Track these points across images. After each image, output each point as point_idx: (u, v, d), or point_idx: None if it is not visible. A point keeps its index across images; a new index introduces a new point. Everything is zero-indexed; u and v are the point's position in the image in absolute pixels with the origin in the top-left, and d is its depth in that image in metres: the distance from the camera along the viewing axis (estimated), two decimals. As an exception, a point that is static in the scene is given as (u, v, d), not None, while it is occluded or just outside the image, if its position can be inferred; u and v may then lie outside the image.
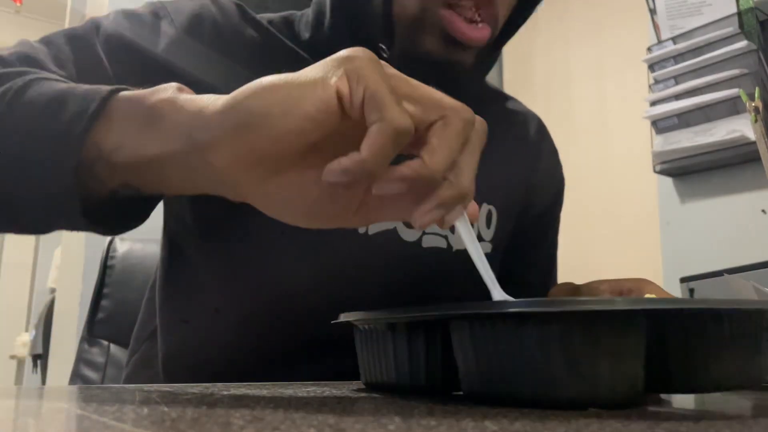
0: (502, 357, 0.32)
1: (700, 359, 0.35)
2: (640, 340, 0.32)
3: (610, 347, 0.31)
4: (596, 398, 0.31)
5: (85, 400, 0.35)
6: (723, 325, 0.35)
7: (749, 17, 1.41)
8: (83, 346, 0.99)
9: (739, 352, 0.35)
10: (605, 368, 0.31)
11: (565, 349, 0.31)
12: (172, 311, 0.67)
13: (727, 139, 1.41)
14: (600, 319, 0.31)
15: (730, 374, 0.35)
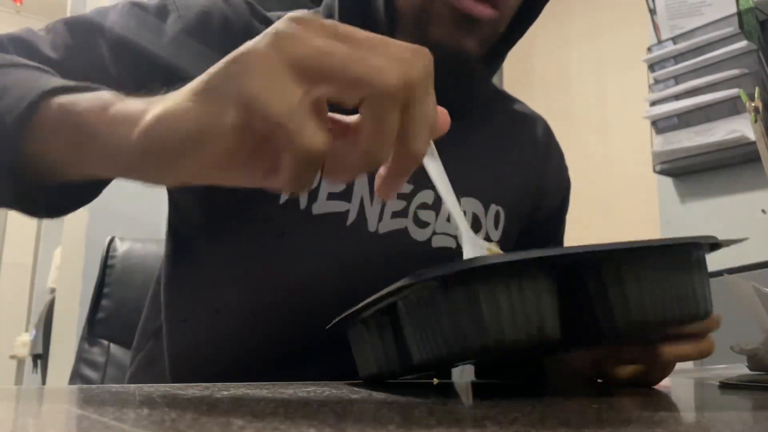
0: (432, 321, 0.35)
1: (616, 301, 0.35)
2: (540, 288, 0.34)
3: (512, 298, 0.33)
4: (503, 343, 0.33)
5: (85, 400, 0.35)
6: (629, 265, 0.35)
7: (749, 17, 1.41)
8: (83, 346, 0.99)
9: (657, 286, 0.36)
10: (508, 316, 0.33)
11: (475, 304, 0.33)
12: (175, 310, 0.67)
13: (727, 139, 1.41)
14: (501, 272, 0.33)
15: (648, 309, 0.36)
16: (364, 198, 0.62)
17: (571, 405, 0.34)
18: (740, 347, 0.52)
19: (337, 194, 0.61)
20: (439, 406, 0.33)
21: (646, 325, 0.36)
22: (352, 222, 0.61)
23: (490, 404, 0.34)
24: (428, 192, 0.66)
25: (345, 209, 0.61)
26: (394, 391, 0.42)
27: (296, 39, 0.32)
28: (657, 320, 0.36)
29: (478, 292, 0.33)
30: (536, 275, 0.34)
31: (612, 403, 0.40)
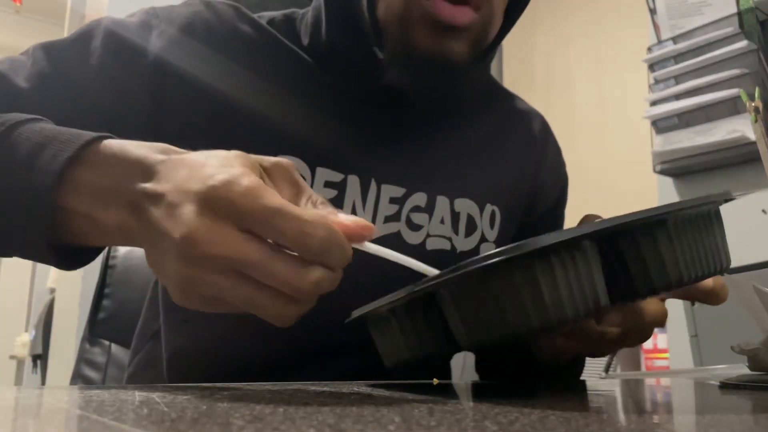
0: (481, 305, 0.37)
1: (652, 260, 0.38)
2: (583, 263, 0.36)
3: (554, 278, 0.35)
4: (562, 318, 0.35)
5: (85, 400, 0.35)
6: (662, 227, 0.38)
7: (749, 17, 1.41)
8: (84, 346, 0.99)
9: (686, 246, 0.38)
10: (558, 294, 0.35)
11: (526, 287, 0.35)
12: (174, 311, 0.67)
13: (727, 139, 1.41)
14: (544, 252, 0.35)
15: (682, 269, 0.38)
16: (356, 203, 0.62)
17: (571, 405, 0.34)
18: (740, 347, 0.52)
19: (328, 201, 0.61)
20: (439, 406, 0.33)
21: (680, 283, 0.38)
22: None
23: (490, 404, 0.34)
24: (420, 195, 0.66)
25: None
26: (394, 391, 0.42)
27: (196, 282, 0.37)
28: (689, 277, 0.39)
29: (536, 271, 0.35)
30: (585, 250, 0.36)
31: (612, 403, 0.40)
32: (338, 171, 0.61)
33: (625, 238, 0.38)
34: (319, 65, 0.65)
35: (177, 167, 0.39)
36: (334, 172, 0.61)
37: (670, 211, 0.37)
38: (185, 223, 0.36)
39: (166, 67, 0.60)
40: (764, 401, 0.39)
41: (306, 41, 0.66)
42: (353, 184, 0.62)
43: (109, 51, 0.60)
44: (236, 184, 0.36)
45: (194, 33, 0.63)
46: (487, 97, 0.76)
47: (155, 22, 0.63)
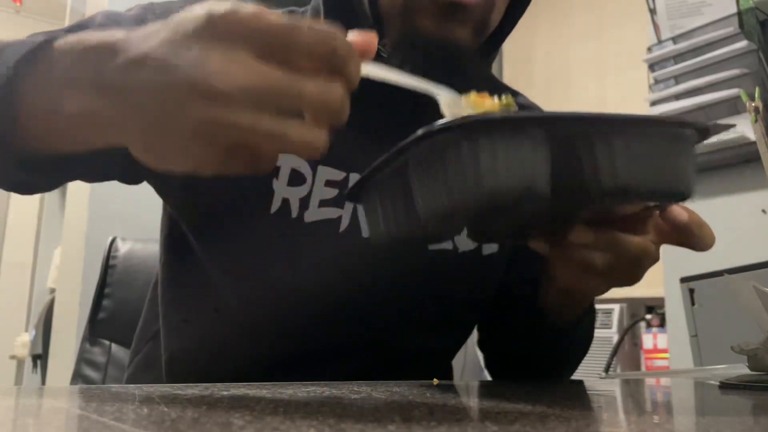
0: (434, 174, 0.38)
1: (603, 161, 0.38)
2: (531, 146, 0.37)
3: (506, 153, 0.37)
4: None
5: (85, 400, 0.35)
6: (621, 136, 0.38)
7: (749, 17, 1.41)
8: (85, 346, 0.99)
9: (639, 157, 0.39)
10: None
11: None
12: (173, 312, 0.67)
13: (727, 139, 1.41)
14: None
15: (632, 175, 0.39)
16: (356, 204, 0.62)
17: (571, 405, 0.34)
18: (740, 347, 0.52)
19: (329, 201, 0.61)
20: (439, 406, 0.33)
21: (629, 190, 0.39)
22: (344, 228, 0.61)
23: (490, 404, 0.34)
24: None
25: (337, 216, 0.61)
26: (394, 391, 0.42)
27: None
28: (640, 186, 0.39)
29: (478, 143, 0.36)
30: (534, 134, 0.37)
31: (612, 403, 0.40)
32: (340, 169, 0.61)
33: (580, 134, 0.39)
34: None
35: (153, 33, 0.36)
36: (335, 170, 0.61)
37: (633, 120, 0.38)
38: (194, 58, 0.33)
39: None
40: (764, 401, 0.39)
41: None
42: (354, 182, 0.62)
43: None
44: (240, 8, 0.33)
45: None
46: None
47: (151, 18, 0.62)
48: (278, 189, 0.59)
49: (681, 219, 0.48)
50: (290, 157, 0.59)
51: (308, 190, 0.60)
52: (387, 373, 0.62)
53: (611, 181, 0.39)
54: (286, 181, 0.59)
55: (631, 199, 0.41)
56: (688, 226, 0.48)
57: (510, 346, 0.73)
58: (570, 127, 0.39)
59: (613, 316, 2.16)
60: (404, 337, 0.65)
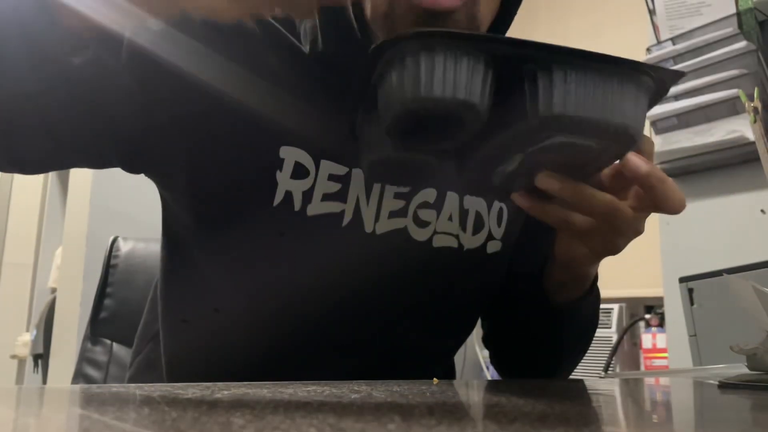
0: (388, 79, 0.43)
1: (544, 86, 0.41)
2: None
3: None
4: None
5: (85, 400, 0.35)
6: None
7: (748, 17, 1.41)
8: (86, 345, 0.99)
9: (583, 89, 0.41)
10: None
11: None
12: (172, 311, 0.67)
13: (727, 140, 1.41)
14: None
15: (571, 104, 0.40)
16: (359, 198, 0.62)
17: (571, 405, 0.35)
18: (740, 347, 0.53)
19: (331, 195, 0.61)
20: (439, 406, 0.33)
21: (564, 119, 0.41)
22: (347, 223, 0.61)
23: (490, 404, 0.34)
24: (429, 191, 0.66)
25: (340, 210, 0.61)
26: (394, 391, 0.42)
27: None
28: (578, 117, 0.41)
29: (420, 54, 0.40)
30: (474, 53, 0.40)
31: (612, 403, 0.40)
32: (342, 164, 0.61)
33: (521, 57, 0.41)
34: (318, 62, 0.65)
35: None
36: (338, 165, 0.61)
37: (577, 53, 0.40)
38: None
39: (160, 58, 0.60)
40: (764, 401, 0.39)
41: (306, 43, 0.66)
42: (357, 177, 0.62)
43: (102, 39, 0.60)
44: None
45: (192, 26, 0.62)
46: None
47: None
48: (281, 181, 0.59)
49: (639, 169, 0.48)
50: (294, 150, 0.59)
51: (311, 183, 0.60)
52: (389, 370, 0.63)
53: (547, 108, 0.40)
54: (290, 174, 0.59)
55: (569, 130, 0.42)
56: (647, 178, 0.49)
57: (514, 337, 0.73)
58: (510, 50, 0.41)
59: (612, 315, 2.16)
60: (406, 333, 0.65)
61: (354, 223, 0.61)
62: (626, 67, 0.42)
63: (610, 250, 0.54)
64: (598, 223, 0.52)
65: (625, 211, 0.50)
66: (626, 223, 0.51)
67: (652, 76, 0.43)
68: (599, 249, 0.54)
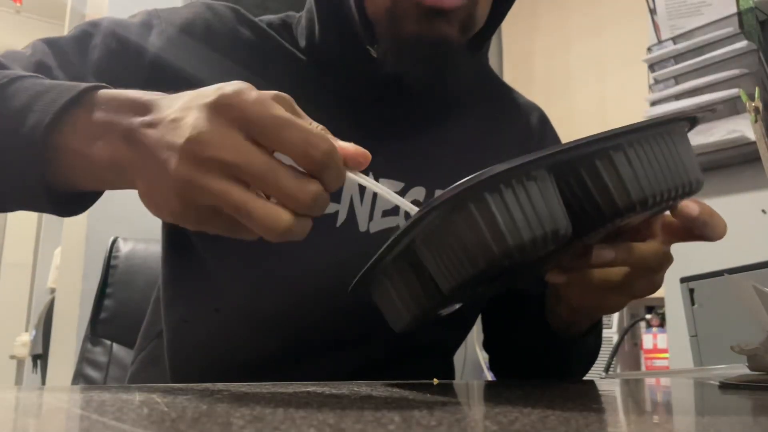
0: (452, 243, 0.38)
1: (611, 180, 0.39)
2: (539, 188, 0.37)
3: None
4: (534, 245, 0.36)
5: (85, 400, 0.35)
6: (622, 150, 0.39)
7: (749, 17, 1.41)
8: (86, 346, 0.99)
9: (645, 164, 0.39)
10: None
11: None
12: (174, 311, 0.67)
13: (727, 139, 1.41)
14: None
15: (644, 185, 0.39)
16: (353, 198, 0.62)
17: (571, 405, 0.35)
18: (740, 347, 0.52)
19: None
20: (439, 406, 0.33)
21: (642, 200, 0.39)
22: (342, 223, 0.62)
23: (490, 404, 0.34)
24: (419, 189, 0.66)
25: (334, 210, 0.61)
26: (394, 391, 0.42)
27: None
28: (652, 192, 0.39)
29: (488, 203, 0.36)
30: (536, 176, 0.37)
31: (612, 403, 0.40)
32: None
33: (579, 162, 0.39)
34: (316, 65, 0.65)
35: (176, 99, 0.40)
36: None
37: (623, 133, 0.38)
38: (193, 125, 0.37)
39: (165, 65, 0.61)
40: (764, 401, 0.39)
41: (302, 43, 0.67)
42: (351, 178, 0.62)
43: (109, 49, 0.60)
44: (246, 93, 0.37)
45: (194, 33, 0.63)
46: (484, 90, 0.77)
47: (156, 22, 0.63)
48: None
49: (692, 212, 0.48)
50: None
51: None
52: (388, 368, 0.63)
53: (624, 197, 0.38)
54: None
55: (648, 207, 0.40)
56: (700, 217, 0.48)
57: (515, 350, 0.73)
58: (569, 156, 0.38)
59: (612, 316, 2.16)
60: None
61: (348, 223, 0.62)
62: (671, 123, 0.41)
63: (654, 290, 0.52)
64: (640, 272, 0.50)
65: (669, 253, 0.50)
66: (668, 261, 0.51)
67: (688, 119, 0.43)
68: (644, 293, 0.52)
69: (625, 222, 0.44)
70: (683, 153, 0.41)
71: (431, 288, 0.40)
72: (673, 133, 0.41)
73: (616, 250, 0.47)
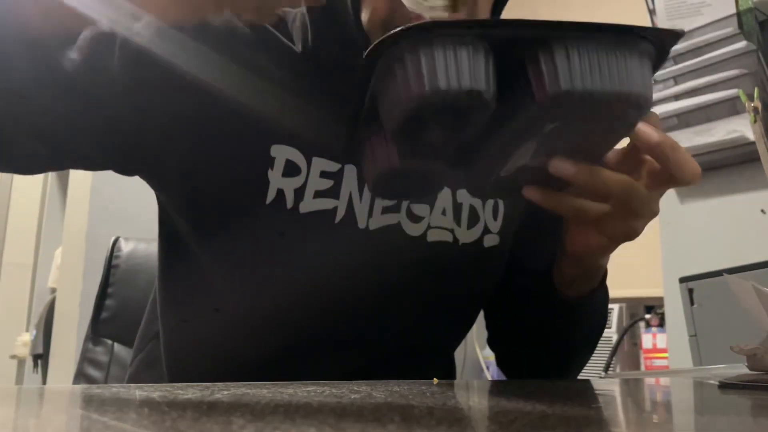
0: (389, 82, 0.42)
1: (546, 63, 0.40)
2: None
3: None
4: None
5: (85, 400, 0.35)
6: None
7: (749, 17, 1.41)
8: (87, 346, 0.99)
9: (585, 61, 0.40)
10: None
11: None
12: (172, 312, 0.67)
13: (727, 140, 1.41)
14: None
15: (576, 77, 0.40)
16: (352, 194, 0.62)
17: (571, 405, 0.35)
18: (740, 347, 0.53)
19: (324, 192, 0.61)
20: (439, 406, 0.33)
21: (572, 95, 0.40)
22: (340, 219, 0.61)
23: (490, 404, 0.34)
24: None
25: (333, 206, 0.61)
26: (394, 391, 0.42)
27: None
28: (586, 90, 0.40)
29: (418, 49, 0.39)
30: (470, 42, 0.40)
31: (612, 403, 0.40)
32: (335, 161, 0.61)
33: (520, 39, 0.41)
34: (311, 60, 0.65)
35: None
36: (330, 162, 0.61)
37: (570, 28, 0.41)
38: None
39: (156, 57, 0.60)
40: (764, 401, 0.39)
41: (298, 43, 0.67)
42: (350, 173, 0.62)
43: (96, 40, 0.59)
44: None
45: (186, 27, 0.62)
46: None
47: None
48: (273, 179, 0.59)
49: (651, 138, 0.47)
50: (285, 148, 0.59)
51: (303, 180, 0.60)
52: (388, 366, 0.63)
53: (554, 86, 0.40)
54: (281, 172, 0.60)
55: (579, 103, 0.41)
56: (659, 146, 0.48)
57: (522, 338, 0.73)
58: (508, 32, 0.41)
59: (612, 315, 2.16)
60: (403, 329, 0.65)
61: (347, 220, 0.61)
62: (625, 34, 0.41)
63: (628, 234, 0.52)
64: (613, 208, 0.51)
65: (640, 190, 0.49)
66: (642, 203, 0.50)
67: (652, 39, 0.42)
68: (617, 235, 0.53)
69: (564, 121, 0.44)
70: (631, 67, 0.41)
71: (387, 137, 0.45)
72: (626, 45, 0.41)
73: (577, 166, 0.47)
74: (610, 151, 0.50)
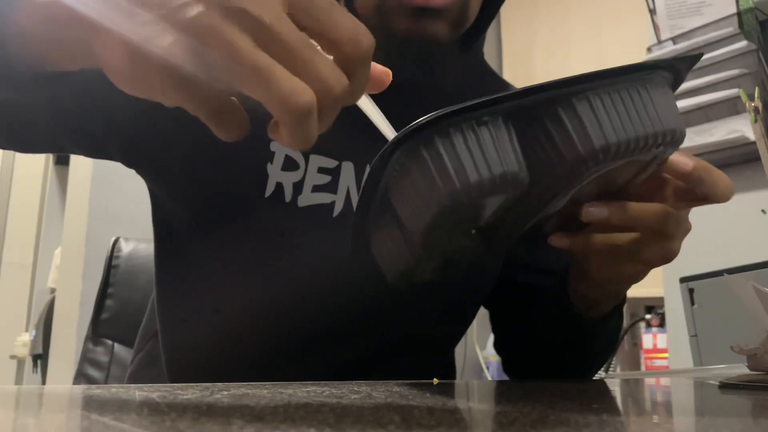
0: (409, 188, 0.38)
1: (573, 124, 0.37)
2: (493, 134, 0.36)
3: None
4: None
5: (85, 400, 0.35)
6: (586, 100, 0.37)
7: (749, 17, 1.41)
8: (88, 346, 1.00)
9: (612, 111, 0.37)
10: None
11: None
12: (170, 311, 0.67)
13: (727, 139, 1.41)
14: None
15: (608, 132, 0.37)
16: (350, 189, 0.62)
17: (571, 405, 0.35)
18: (740, 347, 0.52)
19: (322, 186, 0.61)
20: (439, 406, 0.33)
21: (607, 148, 0.37)
22: (338, 213, 0.62)
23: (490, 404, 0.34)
24: None
25: (331, 200, 0.61)
26: (394, 391, 0.42)
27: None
28: (617, 140, 0.37)
29: (437, 145, 0.35)
30: (487, 121, 0.36)
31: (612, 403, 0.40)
32: (332, 158, 0.62)
33: (537, 106, 0.37)
34: None
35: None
36: (327, 158, 0.61)
37: (587, 79, 0.36)
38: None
39: None
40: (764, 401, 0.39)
41: None
42: (347, 169, 0.62)
43: None
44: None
45: None
46: (480, 85, 0.76)
47: None
48: (272, 173, 0.60)
49: (684, 167, 0.46)
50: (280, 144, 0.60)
51: (302, 175, 0.61)
52: (387, 362, 0.62)
53: (587, 145, 0.37)
54: (281, 166, 0.60)
55: (616, 156, 0.38)
56: (695, 173, 0.46)
57: (532, 347, 0.72)
58: (523, 102, 0.37)
59: (612, 316, 2.16)
60: (402, 324, 0.65)
61: (345, 214, 0.62)
62: (643, 71, 0.39)
63: (666, 257, 0.50)
64: (646, 235, 0.49)
65: (673, 214, 0.48)
66: (677, 225, 0.49)
67: (669, 68, 0.41)
68: (655, 259, 0.51)
69: (600, 172, 0.41)
70: (659, 102, 0.39)
71: (408, 237, 0.39)
72: (646, 81, 0.39)
73: (609, 207, 0.46)
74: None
